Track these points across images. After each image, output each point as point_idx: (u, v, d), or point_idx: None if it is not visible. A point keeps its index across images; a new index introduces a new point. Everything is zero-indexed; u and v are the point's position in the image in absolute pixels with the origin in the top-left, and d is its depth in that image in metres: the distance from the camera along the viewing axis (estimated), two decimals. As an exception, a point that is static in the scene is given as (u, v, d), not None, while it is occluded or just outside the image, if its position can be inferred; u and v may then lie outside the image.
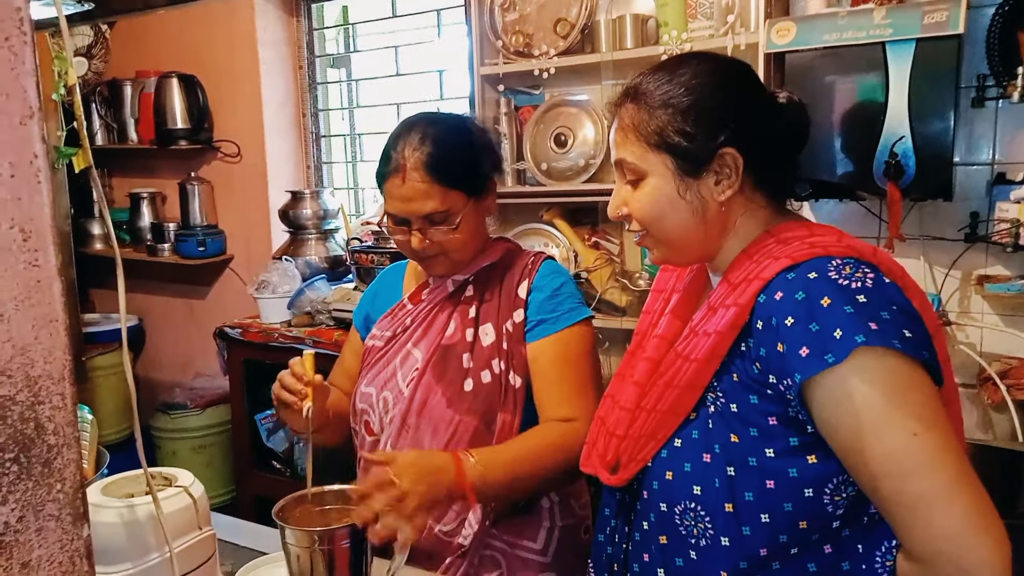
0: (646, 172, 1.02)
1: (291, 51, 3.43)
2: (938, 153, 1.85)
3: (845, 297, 0.88)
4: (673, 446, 1.02)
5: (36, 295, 0.65)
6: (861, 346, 0.85)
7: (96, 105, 3.60)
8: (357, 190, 3.52)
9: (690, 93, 1.00)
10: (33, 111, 0.65)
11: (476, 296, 1.45)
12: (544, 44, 2.44)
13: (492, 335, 1.41)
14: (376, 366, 1.49)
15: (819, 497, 0.94)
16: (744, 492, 0.95)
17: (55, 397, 0.67)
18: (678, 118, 1.00)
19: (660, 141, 1.01)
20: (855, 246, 0.96)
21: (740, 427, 0.96)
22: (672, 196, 1.01)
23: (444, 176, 1.33)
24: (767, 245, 1.00)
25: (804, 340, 0.88)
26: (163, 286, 3.76)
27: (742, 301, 0.96)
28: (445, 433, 1.38)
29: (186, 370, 3.74)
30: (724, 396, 0.98)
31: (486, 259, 1.45)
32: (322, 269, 3.05)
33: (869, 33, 1.85)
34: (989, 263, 2.06)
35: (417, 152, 1.33)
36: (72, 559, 0.68)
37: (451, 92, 3.11)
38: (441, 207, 1.34)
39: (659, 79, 1.03)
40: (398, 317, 1.50)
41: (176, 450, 3.27)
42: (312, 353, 1.32)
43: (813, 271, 0.92)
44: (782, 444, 0.94)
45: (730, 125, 0.99)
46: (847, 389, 0.87)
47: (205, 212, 3.47)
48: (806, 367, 0.88)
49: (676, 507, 1.00)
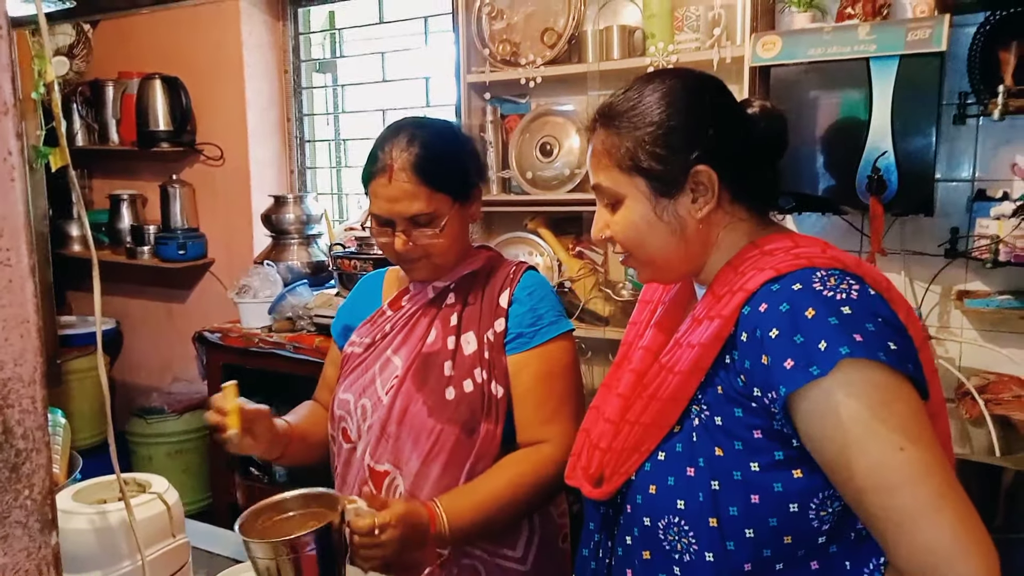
0: (622, 196, 1.02)
1: (276, 55, 3.41)
2: (920, 169, 1.87)
3: (830, 309, 0.88)
4: (657, 459, 1.01)
5: (7, 296, 0.64)
6: (846, 358, 0.84)
7: (77, 105, 3.56)
8: (341, 196, 3.50)
9: (659, 113, 1.00)
10: (8, 107, 0.63)
11: (458, 303, 1.43)
12: (531, 53, 2.45)
13: (474, 344, 1.40)
14: (354, 372, 1.47)
15: (804, 512, 0.93)
16: (728, 507, 0.94)
17: (25, 400, 0.65)
18: (648, 140, 0.99)
19: (632, 164, 1.00)
20: (840, 257, 0.95)
21: (725, 440, 0.95)
22: (649, 218, 1.01)
23: (431, 178, 1.32)
24: (751, 256, 0.99)
25: (789, 352, 0.88)
26: (142, 289, 3.72)
27: (726, 313, 0.95)
28: (427, 442, 1.36)
29: (164, 375, 3.70)
30: (708, 409, 0.97)
31: (468, 266, 1.45)
32: (304, 274, 3.03)
33: (853, 49, 1.87)
34: (969, 279, 2.07)
35: (405, 153, 1.33)
36: (39, 567, 0.66)
37: (437, 99, 3.11)
38: (427, 209, 1.33)
39: (628, 101, 1.03)
40: (377, 324, 1.48)
41: (152, 455, 3.22)
42: (233, 384, 1.31)
43: (798, 282, 0.91)
44: (767, 458, 0.93)
45: (702, 142, 0.99)
46: (832, 402, 0.86)
47: (186, 215, 3.43)
48: (791, 380, 0.87)
49: (660, 522, 0.99)
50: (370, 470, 1.39)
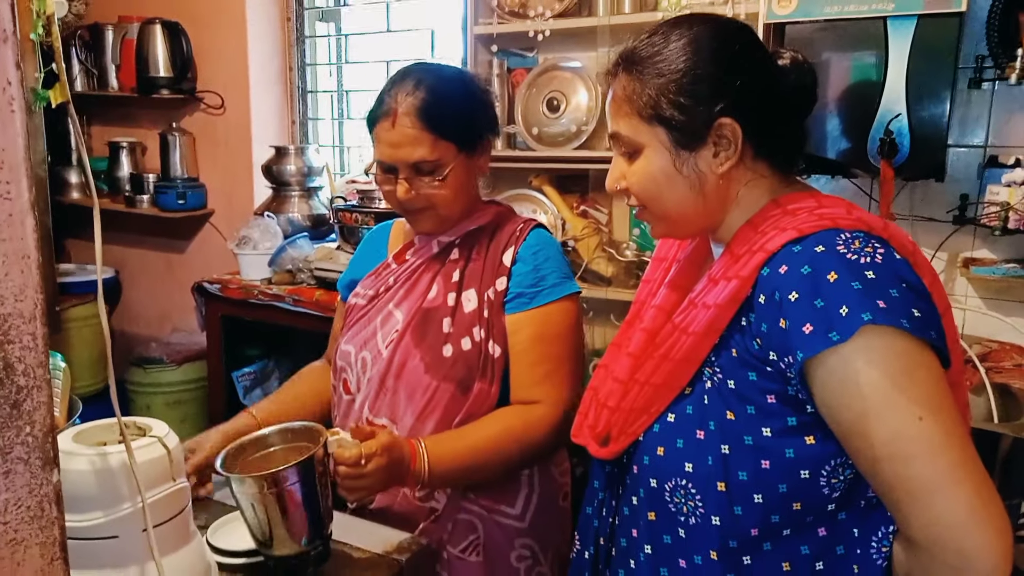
0: (641, 145, 0.98)
1: (279, 2, 3.34)
2: (933, 133, 1.84)
3: (853, 272, 0.85)
4: (666, 421, 1.00)
5: (7, 229, 0.62)
6: (867, 324, 0.82)
7: (76, 49, 3.50)
8: (343, 148, 3.46)
9: (684, 61, 0.95)
10: (7, 34, 0.61)
11: (461, 259, 1.42)
12: (540, 6, 2.40)
13: (474, 301, 1.38)
14: (357, 324, 1.46)
15: (815, 479, 0.91)
16: (738, 471, 0.93)
17: (26, 337, 0.64)
18: (672, 88, 0.95)
19: (654, 113, 0.96)
20: (865, 219, 0.92)
21: (737, 404, 0.93)
22: (668, 170, 0.97)
23: (435, 124, 1.30)
24: (773, 215, 0.96)
25: (808, 317, 0.85)
26: (141, 239, 3.69)
27: (744, 273, 0.92)
28: (421, 399, 1.36)
29: (163, 324, 3.70)
30: (722, 372, 0.95)
31: (474, 222, 1.42)
32: (304, 227, 3.01)
33: (871, 7, 1.82)
34: (976, 246, 2.06)
35: (410, 97, 1.30)
36: (41, 504, 0.65)
37: (443, 51, 3.06)
38: (430, 156, 1.30)
39: (652, 45, 0.98)
40: (382, 276, 1.48)
41: (150, 404, 3.24)
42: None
43: (820, 244, 0.88)
44: (780, 423, 0.91)
45: (727, 93, 0.94)
46: (851, 369, 0.83)
47: (186, 164, 3.39)
48: (809, 345, 0.84)
49: (667, 483, 0.98)
50: (368, 423, 1.38)
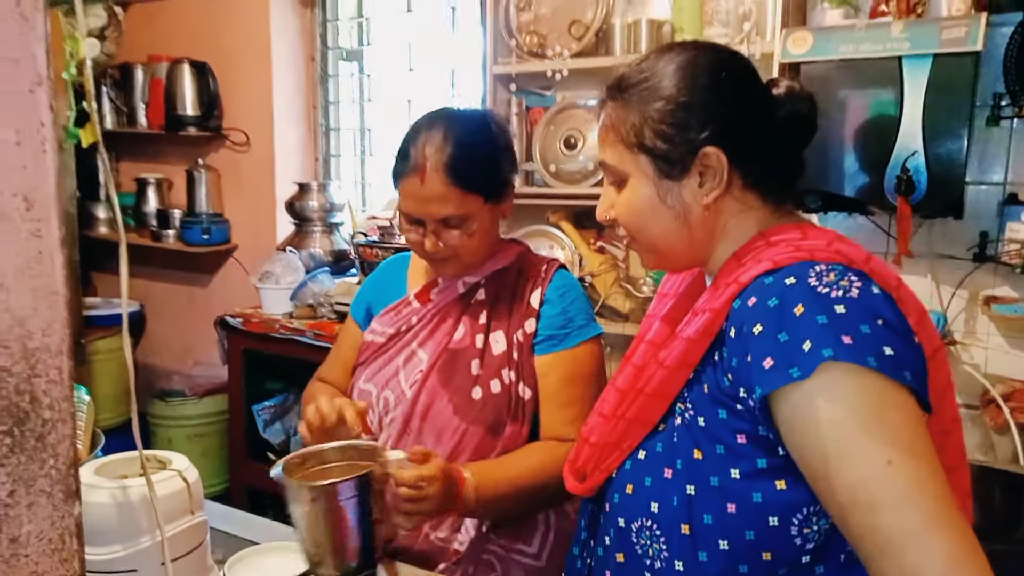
0: (626, 174, 0.96)
1: (304, 42, 3.42)
2: (950, 171, 1.84)
3: (821, 306, 0.80)
4: (637, 458, 0.96)
5: (37, 266, 0.64)
6: (828, 361, 0.76)
7: (106, 88, 3.59)
8: (364, 184, 3.51)
9: (669, 88, 0.92)
10: (42, 79, 0.64)
11: (487, 301, 1.41)
12: (558, 45, 2.44)
13: (503, 343, 1.38)
14: (375, 363, 1.45)
15: (785, 527, 0.85)
16: (703, 514, 0.88)
17: (52, 371, 0.65)
18: (655, 117, 0.92)
19: (637, 142, 0.94)
20: (846, 252, 0.87)
21: (706, 443, 0.89)
22: (653, 200, 0.94)
23: (464, 180, 1.28)
24: (756, 247, 0.93)
25: (770, 351, 0.81)
26: (165, 273, 3.75)
27: (716, 306, 0.89)
28: (450, 441, 1.35)
29: (185, 358, 3.73)
30: (693, 408, 0.91)
31: (498, 262, 1.42)
32: (326, 262, 3.05)
33: (886, 47, 1.84)
34: (997, 284, 2.04)
35: (439, 153, 1.27)
36: (62, 536, 0.66)
37: (463, 90, 3.11)
38: (458, 211, 1.29)
39: (640, 72, 0.95)
40: (402, 315, 1.45)
41: (172, 438, 3.26)
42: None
43: (792, 276, 0.84)
44: (748, 465, 0.86)
45: (713, 122, 0.91)
46: (813, 408, 0.78)
47: (211, 200, 3.46)
48: (767, 380, 0.80)
49: (633, 524, 0.94)
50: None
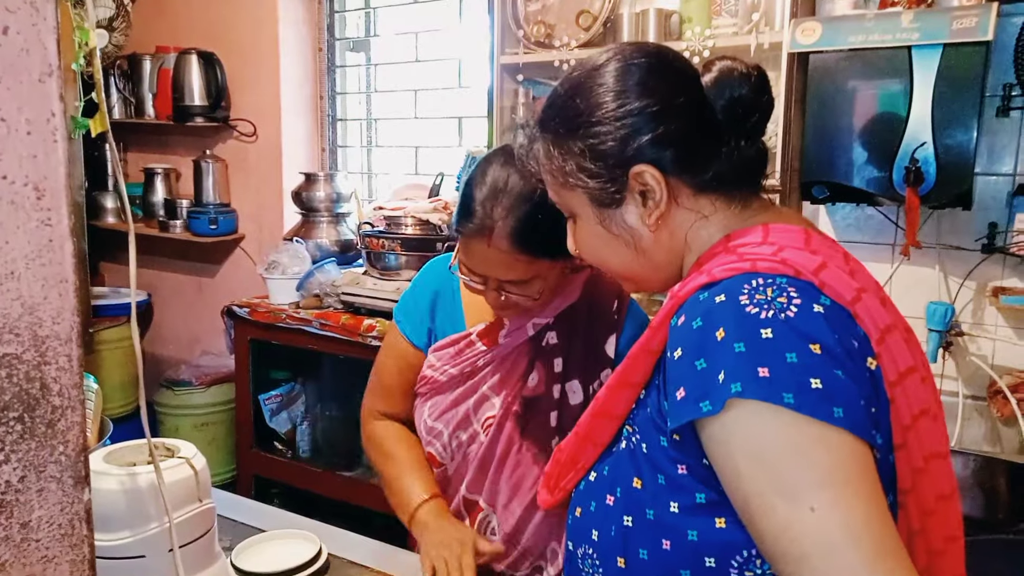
0: (572, 210, 0.92)
1: (311, 33, 3.42)
2: (959, 161, 1.83)
3: (744, 330, 0.72)
4: (588, 480, 0.92)
5: (47, 254, 0.65)
6: (735, 397, 0.69)
7: (115, 79, 3.60)
8: (371, 175, 3.51)
9: (581, 117, 0.85)
10: (52, 68, 0.64)
11: (560, 346, 1.32)
12: (565, 35, 2.43)
13: (580, 394, 1.31)
14: (439, 399, 1.37)
15: (724, 570, 0.78)
16: (638, 548, 0.82)
17: (62, 358, 0.66)
18: (575, 154, 0.86)
19: (565, 179, 0.88)
20: (794, 261, 0.77)
21: (648, 471, 0.83)
22: (600, 232, 0.89)
23: (533, 248, 1.17)
24: (716, 254, 0.85)
25: (684, 379, 0.74)
26: (173, 263, 3.76)
27: (655, 323, 0.83)
28: (529, 492, 1.30)
29: (192, 347, 3.75)
30: (639, 433, 0.85)
31: (566, 299, 1.32)
32: (332, 252, 3.05)
33: (896, 36, 1.83)
34: (1005, 275, 2.03)
35: (509, 219, 1.15)
36: (72, 522, 0.67)
37: (470, 80, 3.10)
38: (525, 276, 1.20)
39: (553, 106, 0.90)
40: (466, 356, 1.34)
41: (179, 426, 3.27)
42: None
43: (723, 293, 0.76)
44: (687, 499, 0.79)
45: (634, 139, 0.83)
46: (728, 448, 0.71)
47: (218, 190, 3.47)
48: (677, 413, 0.74)
49: (578, 549, 0.91)
50: (464, 500, 1.35)
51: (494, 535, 1.33)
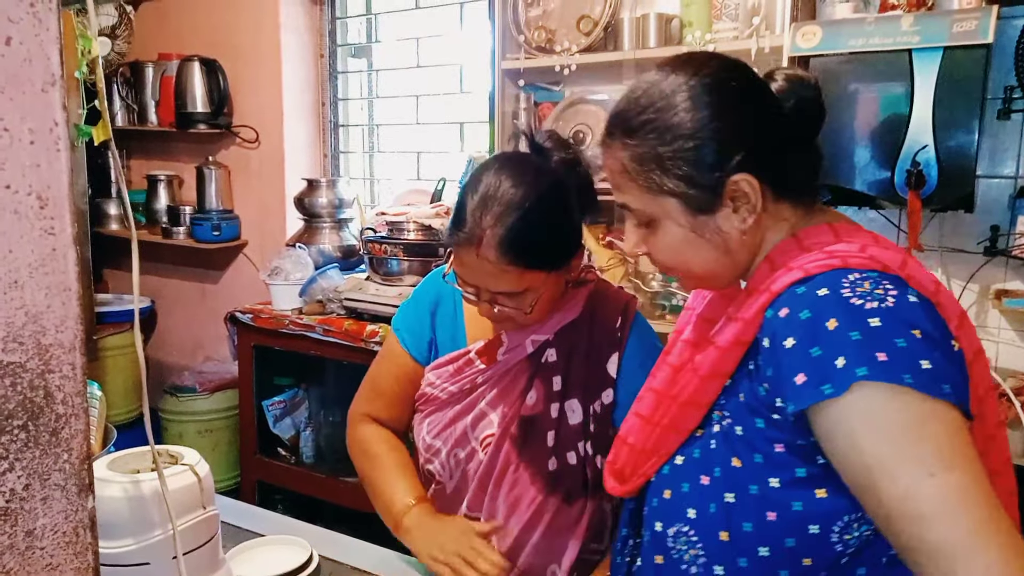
0: (656, 217, 0.93)
1: (313, 39, 3.43)
2: (961, 164, 1.83)
3: (855, 320, 0.78)
4: (675, 464, 0.96)
5: (51, 263, 0.65)
6: (861, 380, 0.76)
7: (117, 86, 3.61)
8: (373, 180, 3.52)
9: (683, 125, 0.87)
10: (55, 78, 0.64)
11: (560, 364, 1.30)
12: (566, 40, 2.44)
13: (579, 414, 1.29)
14: (438, 416, 1.36)
15: (826, 535, 0.85)
16: (742, 522, 0.87)
17: (65, 367, 0.66)
18: (673, 158, 0.88)
19: (660, 187, 0.90)
20: (880, 257, 0.84)
21: (745, 452, 0.88)
22: (689, 238, 0.92)
23: (523, 258, 1.15)
24: (790, 251, 0.91)
25: (802, 366, 0.80)
26: (176, 269, 3.77)
27: (747, 316, 0.88)
28: (527, 511, 1.29)
29: (196, 353, 3.76)
30: (731, 417, 0.91)
31: (566, 315, 1.30)
32: (335, 258, 3.06)
33: (896, 40, 1.83)
34: (1008, 277, 2.03)
35: (499, 228, 1.13)
36: (76, 530, 0.67)
37: (471, 85, 3.11)
38: (517, 288, 1.19)
39: (641, 109, 0.90)
40: (465, 373, 1.33)
41: (183, 433, 3.28)
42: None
43: (825, 287, 0.82)
44: (788, 474, 0.85)
45: (736, 150, 0.87)
46: (850, 426, 0.77)
47: (221, 196, 3.47)
48: (799, 397, 0.79)
49: (670, 528, 0.94)
50: (466, 517, 1.34)
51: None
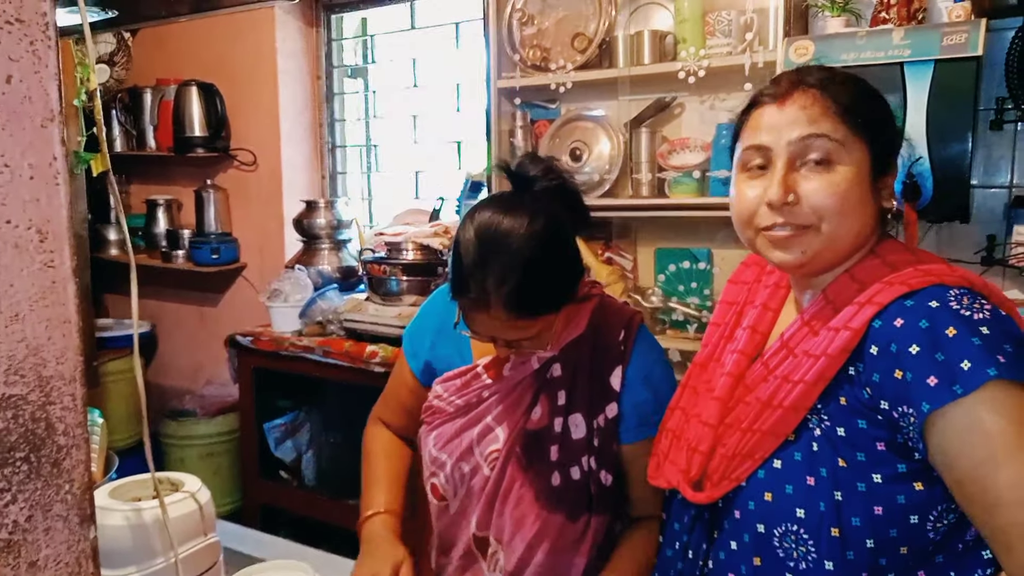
0: (843, 155, 0.96)
1: (309, 61, 3.45)
2: (955, 175, 1.84)
3: (970, 328, 0.88)
4: (772, 467, 1.00)
5: (51, 296, 0.66)
6: (993, 379, 0.84)
7: (116, 112, 3.64)
8: (371, 200, 3.53)
9: (883, 101, 1.01)
10: (54, 114, 0.65)
11: (565, 378, 1.31)
12: (561, 58, 2.45)
13: (583, 428, 1.30)
14: (444, 429, 1.37)
15: (923, 524, 0.93)
16: (851, 517, 0.94)
17: (66, 398, 0.67)
18: (876, 120, 0.99)
19: (865, 123, 0.97)
20: (967, 276, 0.95)
21: (848, 452, 0.95)
22: (864, 189, 0.97)
23: (533, 310, 1.17)
24: (875, 267, 0.99)
25: (932, 370, 0.87)
26: (176, 293, 3.78)
27: (855, 325, 0.94)
28: (532, 527, 1.29)
29: (196, 377, 3.76)
30: (830, 420, 0.97)
31: (572, 331, 1.32)
32: (334, 279, 3.06)
33: (888, 54, 1.84)
34: (1006, 287, 2.03)
35: (504, 287, 1.12)
36: (79, 560, 0.68)
37: (468, 104, 3.13)
38: (527, 335, 1.21)
39: (842, 77, 1.02)
40: (472, 387, 1.35)
41: (184, 457, 3.27)
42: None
43: (934, 300, 0.91)
44: (890, 470, 0.93)
45: (894, 139, 1.02)
46: (974, 419, 0.86)
47: (220, 220, 3.49)
48: (935, 397, 0.87)
49: (776, 529, 0.99)
50: (475, 538, 1.34)
51: (501, 575, 1.32)
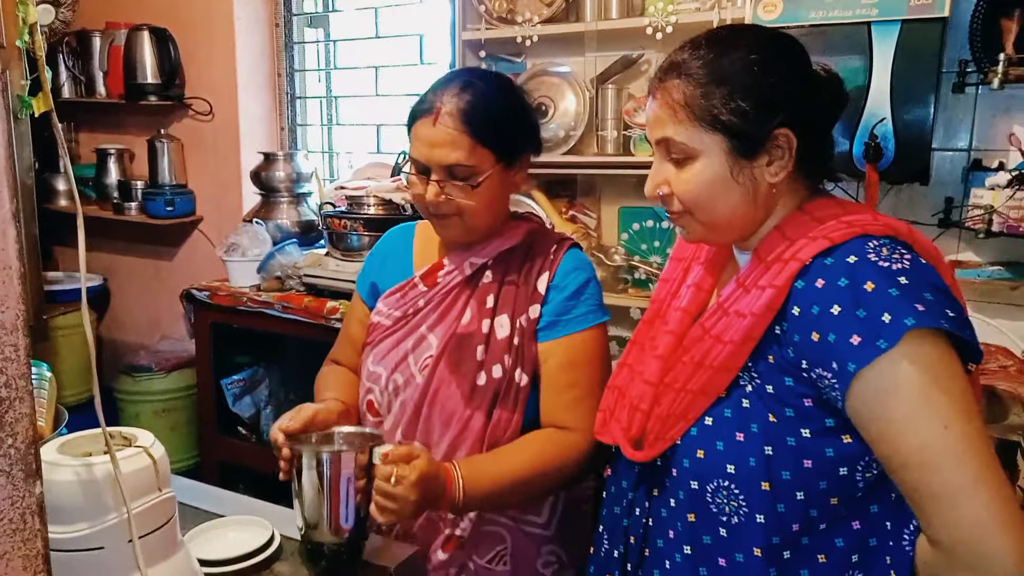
0: (697, 152, 0.99)
1: (267, 8, 3.34)
2: (918, 137, 1.85)
3: (888, 279, 0.88)
4: (704, 424, 1.02)
5: (-12, 240, 0.62)
6: (912, 329, 0.84)
7: (63, 56, 3.48)
8: (332, 154, 3.46)
9: (747, 70, 0.97)
10: (-11, 45, 0.61)
11: (495, 283, 1.38)
12: (528, 11, 2.40)
13: (507, 328, 1.36)
14: (382, 344, 1.43)
15: (852, 475, 0.96)
16: (781, 471, 0.96)
17: (7, 348, 0.64)
18: (735, 97, 0.96)
19: (714, 120, 0.97)
20: (892, 224, 0.95)
21: (776, 408, 0.97)
22: (725, 178, 0.98)
23: (476, 129, 1.27)
24: (802, 223, 0.99)
25: (854, 328, 0.87)
26: (129, 246, 3.68)
27: (778, 283, 0.95)
28: (456, 427, 1.34)
29: (152, 332, 3.68)
30: (760, 377, 0.98)
31: (506, 241, 1.39)
32: (293, 233, 3.01)
33: (855, 12, 1.84)
34: (961, 249, 2.07)
35: (456, 98, 1.28)
36: (23, 516, 0.65)
37: (431, 56, 3.06)
38: (466, 160, 1.27)
39: (710, 54, 0.99)
40: (409, 297, 1.42)
41: (139, 413, 3.22)
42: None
43: (852, 254, 0.91)
44: (817, 425, 0.95)
45: (787, 104, 0.97)
46: (893, 378, 0.86)
47: (174, 171, 3.38)
48: (861, 356, 0.87)
49: (708, 485, 1.01)
50: (400, 444, 1.36)
51: None
